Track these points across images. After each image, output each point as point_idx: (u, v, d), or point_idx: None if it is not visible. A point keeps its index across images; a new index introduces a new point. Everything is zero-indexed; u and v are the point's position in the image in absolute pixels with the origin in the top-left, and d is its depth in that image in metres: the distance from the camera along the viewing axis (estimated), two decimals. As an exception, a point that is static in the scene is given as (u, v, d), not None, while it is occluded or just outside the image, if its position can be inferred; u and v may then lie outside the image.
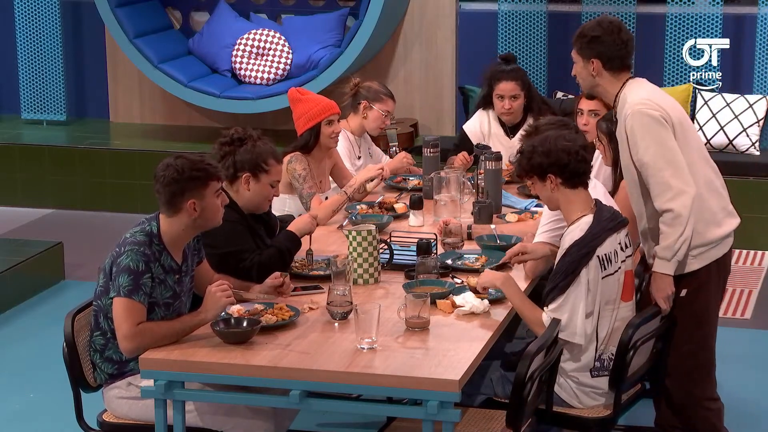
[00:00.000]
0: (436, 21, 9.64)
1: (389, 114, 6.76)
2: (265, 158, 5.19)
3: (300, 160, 6.19)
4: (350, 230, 5.17)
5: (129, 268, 4.54)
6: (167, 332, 4.54)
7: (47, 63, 10.18)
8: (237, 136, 5.21)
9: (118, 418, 4.77)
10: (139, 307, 4.54)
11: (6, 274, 7.58)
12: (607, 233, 4.68)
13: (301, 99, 6.29)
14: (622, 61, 4.98)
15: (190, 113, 10.15)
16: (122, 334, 4.54)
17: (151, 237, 4.64)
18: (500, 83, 6.79)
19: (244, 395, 4.50)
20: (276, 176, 5.24)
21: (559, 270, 4.67)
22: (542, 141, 4.77)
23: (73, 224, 9.27)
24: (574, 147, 4.72)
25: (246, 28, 9.78)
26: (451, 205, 5.95)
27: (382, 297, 4.96)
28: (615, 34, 4.97)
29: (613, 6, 9.23)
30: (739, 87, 9.09)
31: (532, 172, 4.77)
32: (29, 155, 9.71)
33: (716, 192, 5.00)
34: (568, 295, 4.62)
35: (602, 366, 4.76)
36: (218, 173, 4.71)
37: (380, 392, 4.43)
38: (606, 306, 4.72)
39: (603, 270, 4.66)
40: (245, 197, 5.20)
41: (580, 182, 4.75)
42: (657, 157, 4.81)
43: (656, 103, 4.87)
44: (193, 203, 4.62)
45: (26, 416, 6.12)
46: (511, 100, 6.78)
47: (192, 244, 4.79)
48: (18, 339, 7.13)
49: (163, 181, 4.63)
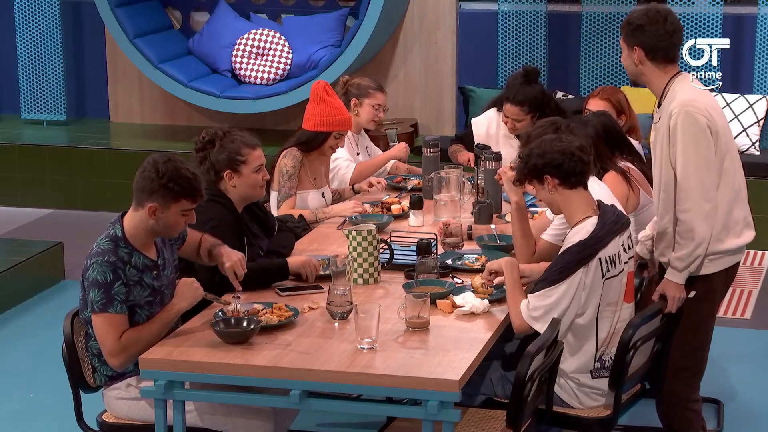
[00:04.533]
0: (436, 21, 9.64)
1: (380, 107, 6.74)
2: (238, 150, 5.19)
3: (294, 157, 6.17)
4: (350, 230, 5.16)
5: (98, 282, 4.50)
6: (149, 337, 4.54)
7: (47, 63, 10.18)
8: (207, 138, 5.22)
9: (118, 418, 4.77)
10: (118, 318, 4.52)
11: (6, 274, 7.57)
12: (611, 236, 4.68)
13: (325, 99, 6.24)
14: (666, 53, 4.89)
15: (190, 113, 10.15)
16: (107, 351, 4.55)
17: (116, 241, 4.59)
18: (506, 104, 6.70)
19: (244, 395, 4.50)
20: (256, 162, 5.21)
21: (555, 264, 4.66)
22: (538, 144, 4.80)
23: (73, 224, 9.27)
24: (569, 148, 4.73)
25: (246, 28, 9.77)
26: (451, 205, 5.95)
27: (382, 297, 4.96)
28: (659, 23, 4.87)
29: (613, 6, 9.23)
30: (739, 87, 9.09)
31: (530, 175, 4.77)
32: (29, 155, 9.71)
33: (742, 202, 5.01)
34: (556, 290, 4.60)
35: (602, 367, 4.75)
36: (195, 195, 4.60)
37: (380, 392, 4.43)
38: (607, 307, 4.71)
39: (607, 272, 4.65)
40: (236, 193, 5.21)
41: (578, 182, 4.74)
42: (689, 164, 4.79)
43: (706, 109, 4.81)
44: (155, 208, 4.56)
45: (26, 416, 6.12)
46: (513, 121, 6.74)
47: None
48: (18, 339, 7.13)
49: (141, 172, 4.60)
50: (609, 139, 5.73)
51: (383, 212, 6.05)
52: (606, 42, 9.30)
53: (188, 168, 4.62)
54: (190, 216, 4.66)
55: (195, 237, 4.95)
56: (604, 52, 9.32)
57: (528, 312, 4.62)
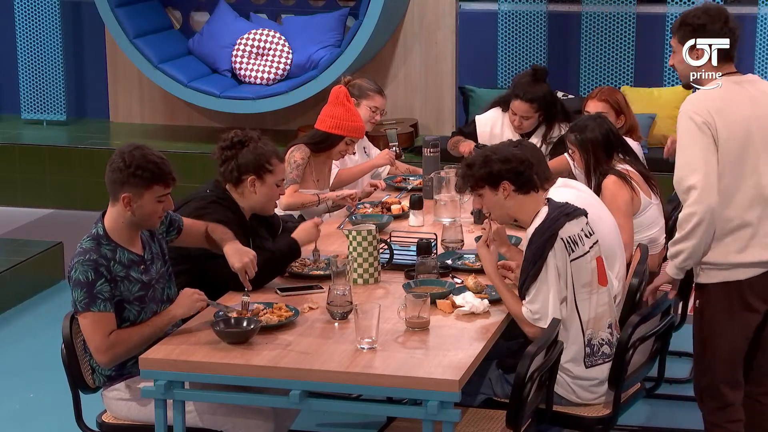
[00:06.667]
0: (436, 21, 9.65)
1: (378, 109, 6.73)
2: (268, 158, 5.16)
3: (303, 151, 6.20)
4: (350, 230, 5.16)
5: (79, 282, 4.49)
6: (139, 340, 4.55)
7: (47, 63, 10.18)
8: (237, 138, 5.15)
9: (118, 418, 4.77)
10: (102, 316, 4.50)
11: (6, 274, 7.58)
12: (565, 217, 4.68)
13: (344, 104, 6.26)
14: (727, 52, 4.71)
15: (190, 113, 10.15)
16: (94, 348, 4.54)
17: (99, 239, 4.58)
18: (516, 101, 6.73)
19: (244, 395, 4.50)
20: (280, 175, 5.20)
21: (527, 259, 4.66)
22: (494, 150, 4.82)
23: (73, 224, 9.26)
24: (524, 155, 4.76)
25: (246, 28, 9.78)
26: (451, 205, 5.95)
27: (382, 297, 4.96)
28: (722, 22, 4.69)
29: (613, 6, 9.24)
30: (738, 87, 9.07)
31: (485, 181, 4.77)
32: (29, 155, 9.71)
33: (741, 210, 4.67)
34: (540, 283, 4.61)
35: (593, 352, 4.74)
36: (167, 179, 4.56)
37: (380, 392, 4.43)
38: (582, 289, 4.69)
39: (571, 252, 4.65)
40: (252, 200, 5.17)
41: (533, 188, 4.77)
42: (683, 161, 4.65)
43: (706, 108, 4.62)
44: (128, 198, 4.54)
45: (26, 416, 6.12)
46: (521, 119, 6.75)
47: (154, 230, 4.74)
48: (18, 339, 7.13)
49: (110, 165, 4.58)
50: (607, 143, 5.77)
51: (383, 212, 6.05)
52: (606, 42, 9.30)
53: (156, 153, 4.58)
54: (167, 202, 4.61)
55: (198, 226, 4.93)
56: (604, 52, 9.32)
57: (532, 317, 4.64)
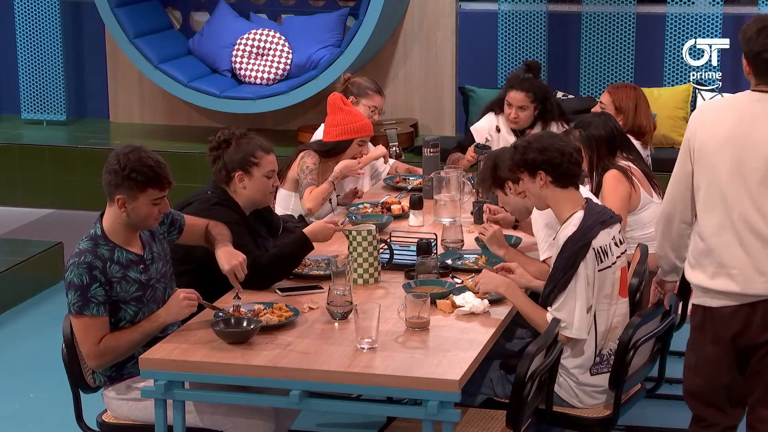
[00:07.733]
0: (436, 21, 9.64)
1: (377, 109, 6.74)
2: (252, 152, 5.17)
3: (314, 157, 6.23)
4: (350, 230, 5.16)
5: (74, 284, 4.50)
6: (128, 345, 4.56)
7: (47, 63, 10.17)
8: (223, 138, 5.20)
9: (118, 418, 4.77)
10: (94, 321, 4.51)
11: (6, 274, 7.58)
12: (600, 226, 4.69)
13: (342, 109, 6.28)
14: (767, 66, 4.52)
15: (190, 113, 10.15)
16: (85, 353, 4.57)
17: (96, 240, 4.58)
18: (512, 91, 6.77)
19: (244, 395, 4.50)
20: (268, 166, 5.21)
21: (557, 267, 4.67)
22: (537, 138, 4.83)
23: (73, 224, 9.24)
24: (567, 149, 4.75)
25: (246, 28, 9.77)
26: (451, 205, 5.95)
27: (382, 297, 4.96)
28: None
29: (613, 6, 9.23)
30: (739, 87, 9.06)
31: (523, 167, 4.78)
32: (29, 155, 9.70)
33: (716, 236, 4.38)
34: (569, 292, 4.62)
35: (602, 361, 4.76)
36: (162, 182, 4.54)
37: (380, 392, 4.43)
38: (603, 300, 4.71)
39: (600, 263, 4.66)
40: (245, 195, 5.20)
41: (571, 183, 4.77)
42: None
43: (695, 122, 4.47)
44: (123, 201, 4.54)
45: (26, 416, 6.12)
46: (518, 110, 6.77)
47: (155, 230, 4.75)
48: (18, 339, 7.13)
49: (106, 166, 4.58)
50: (611, 140, 5.80)
51: (383, 212, 6.05)
52: (606, 42, 9.29)
53: (152, 156, 4.57)
54: (163, 204, 4.60)
55: (200, 224, 4.94)
56: (604, 52, 9.31)
57: (560, 327, 4.64)
